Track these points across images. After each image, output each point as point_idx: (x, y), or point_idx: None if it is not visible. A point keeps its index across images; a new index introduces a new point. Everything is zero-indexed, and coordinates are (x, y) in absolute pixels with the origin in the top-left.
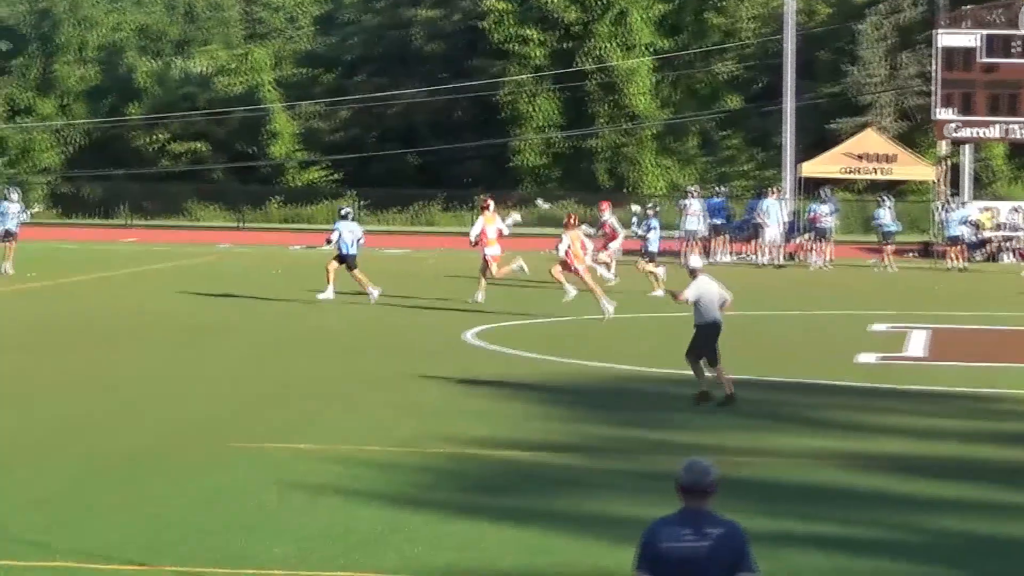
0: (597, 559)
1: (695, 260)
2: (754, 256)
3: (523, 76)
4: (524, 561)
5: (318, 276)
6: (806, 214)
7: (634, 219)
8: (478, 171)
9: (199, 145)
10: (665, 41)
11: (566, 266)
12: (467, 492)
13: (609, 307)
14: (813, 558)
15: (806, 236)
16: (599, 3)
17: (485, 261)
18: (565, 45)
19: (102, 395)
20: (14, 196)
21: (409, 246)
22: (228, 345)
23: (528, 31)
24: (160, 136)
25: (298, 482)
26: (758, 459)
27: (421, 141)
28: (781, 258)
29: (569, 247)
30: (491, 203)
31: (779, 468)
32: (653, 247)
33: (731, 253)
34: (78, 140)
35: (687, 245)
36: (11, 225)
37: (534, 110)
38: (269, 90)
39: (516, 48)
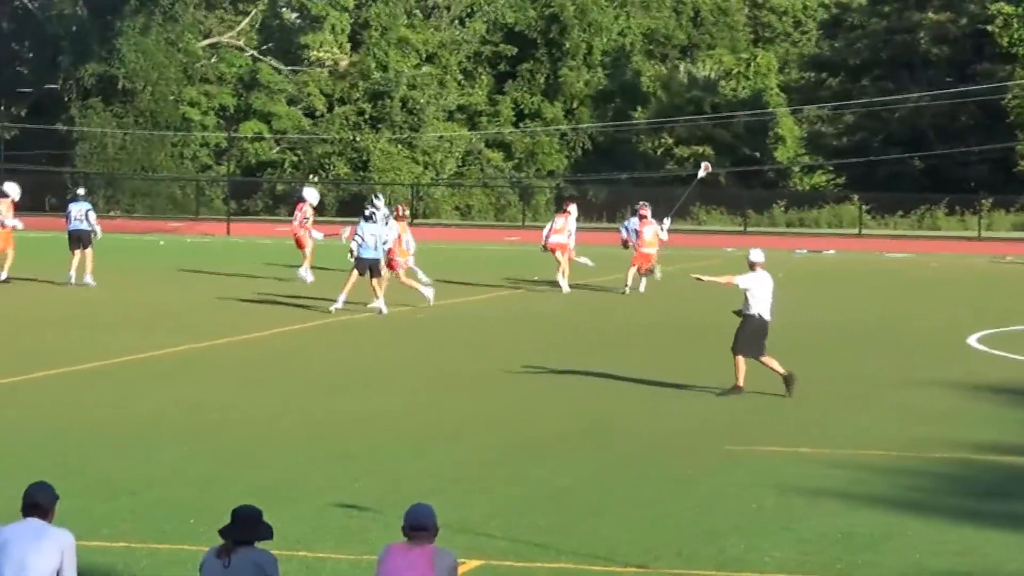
0: None
1: (756, 254)
2: None
3: None
4: None
5: (821, 280)
6: None
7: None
8: (983, 176)
9: (704, 149)
10: None
11: (391, 264)
12: (969, 497)
13: (382, 306)
14: None
15: None
16: None
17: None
18: None
19: (602, 394)
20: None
21: (913, 250)
22: (727, 347)
23: None
24: (665, 140)
25: (797, 485)
26: None
27: (926, 145)
28: None
29: (395, 239)
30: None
31: None
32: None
33: None
34: (583, 144)
35: None
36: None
37: None
38: (774, 94)
39: (1023, 52)
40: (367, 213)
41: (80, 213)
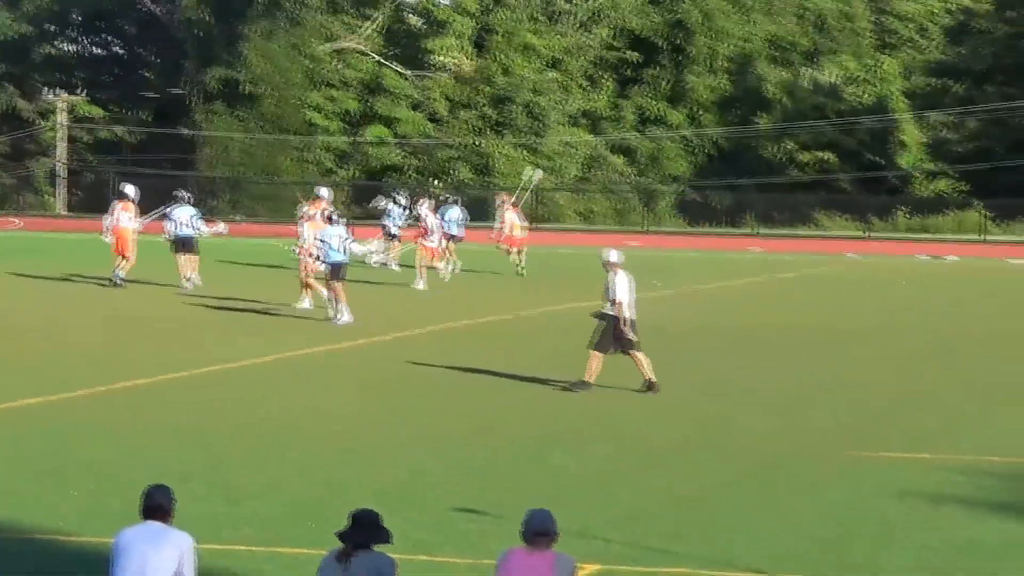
0: None
1: (614, 255)
2: None
3: None
4: None
5: (942, 286)
6: None
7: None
8: None
9: (827, 155)
10: None
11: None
12: None
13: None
14: None
15: None
16: None
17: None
18: None
19: (731, 401)
20: (401, 200)
21: None
22: (856, 353)
23: None
24: (788, 146)
25: (920, 492)
26: None
27: None
28: None
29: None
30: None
31: None
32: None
33: None
34: (707, 149)
35: None
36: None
37: None
38: (898, 100)
39: None
40: (332, 216)
41: (186, 218)
